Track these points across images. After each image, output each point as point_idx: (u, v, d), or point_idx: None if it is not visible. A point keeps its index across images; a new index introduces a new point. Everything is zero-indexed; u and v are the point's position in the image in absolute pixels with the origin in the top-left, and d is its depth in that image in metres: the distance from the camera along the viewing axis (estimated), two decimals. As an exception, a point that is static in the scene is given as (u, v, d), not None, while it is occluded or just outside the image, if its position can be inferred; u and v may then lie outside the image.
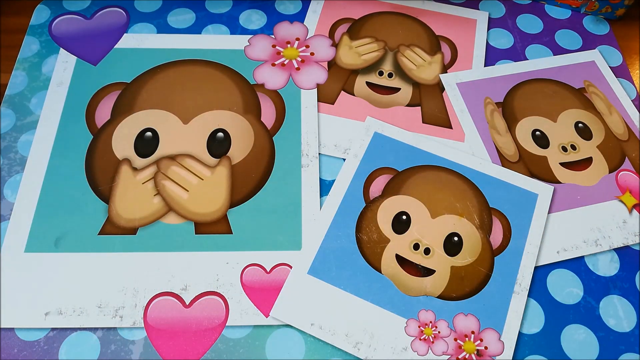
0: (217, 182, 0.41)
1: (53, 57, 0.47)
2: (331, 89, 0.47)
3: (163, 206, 0.40)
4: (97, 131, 0.43)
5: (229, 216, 0.40)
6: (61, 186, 0.41)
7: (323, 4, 0.52)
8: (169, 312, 0.36)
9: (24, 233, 0.38)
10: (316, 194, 0.41)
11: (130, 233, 0.39)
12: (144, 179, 0.41)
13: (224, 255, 0.38)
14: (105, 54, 0.47)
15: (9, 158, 0.42)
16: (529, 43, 0.51)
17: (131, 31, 0.49)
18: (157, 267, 0.38)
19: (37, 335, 0.35)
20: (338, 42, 0.49)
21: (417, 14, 0.52)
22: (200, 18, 0.50)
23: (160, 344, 0.35)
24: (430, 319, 0.37)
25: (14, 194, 0.40)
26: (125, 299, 0.36)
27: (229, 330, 0.36)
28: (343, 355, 0.36)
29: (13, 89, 0.45)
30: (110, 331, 0.36)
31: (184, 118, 0.44)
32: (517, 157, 0.44)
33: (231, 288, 0.37)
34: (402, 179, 0.42)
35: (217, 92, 0.45)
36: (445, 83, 0.47)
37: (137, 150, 0.42)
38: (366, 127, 0.44)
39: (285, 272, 0.38)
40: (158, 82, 0.46)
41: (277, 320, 0.36)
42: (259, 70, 0.47)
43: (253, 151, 0.43)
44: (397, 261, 0.39)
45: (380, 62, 0.48)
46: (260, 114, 0.45)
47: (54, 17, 0.50)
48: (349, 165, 0.42)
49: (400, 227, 0.40)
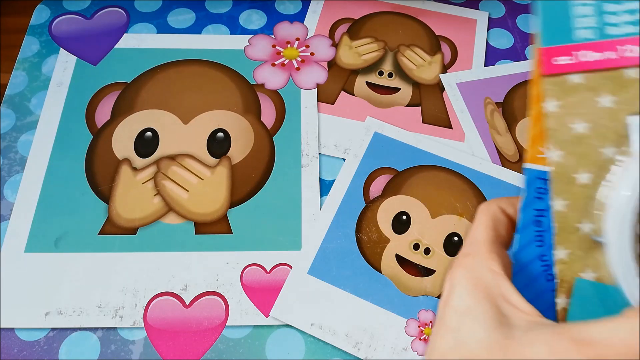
0: (217, 182, 0.41)
1: (53, 57, 0.47)
2: (331, 89, 0.47)
3: (163, 206, 0.40)
4: (97, 131, 0.43)
5: (229, 216, 0.40)
6: (61, 186, 0.41)
7: (323, 4, 0.52)
8: (169, 312, 0.36)
9: (24, 233, 0.38)
10: (316, 194, 0.41)
11: (130, 233, 0.39)
12: (144, 179, 0.41)
13: (224, 255, 0.38)
14: (105, 54, 0.47)
15: (9, 158, 0.42)
16: (529, 43, 0.51)
17: (131, 31, 0.49)
18: (157, 267, 0.38)
19: (37, 335, 0.35)
20: (338, 42, 0.49)
21: (417, 14, 0.52)
22: (200, 18, 0.50)
23: (160, 344, 0.35)
24: (431, 319, 0.37)
25: (14, 194, 0.40)
26: (125, 299, 0.36)
27: (229, 330, 0.36)
28: (343, 355, 0.36)
29: (13, 89, 0.45)
30: (110, 331, 0.36)
31: (184, 118, 0.44)
32: (517, 157, 0.44)
33: (231, 288, 0.37)
34: (402, 179, 0.42)
35: (217, 92, 0.45)
36: (445, 83, 0.47)
37: (137, 150, 0.42)
38: (366, 127, 0.44)
39: (285, 272, 0.38)
40: (158, 82, 0.46)
41: (277, 320, 0.36)
42: (259, 70, 0.47)
43: (253, 151, 0.43)
44: (397, 261, 0.39)
45: (380, 62, 0.48)
46: (260, 114, 0.45)
47: (54, 17, 0.50)
48: (349, 165, 0.42)
49: (400, 227, 0.40)
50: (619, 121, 0.22)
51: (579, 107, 0.22)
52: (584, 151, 0.22)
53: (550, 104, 0.22)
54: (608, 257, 0.22)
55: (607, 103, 0.22)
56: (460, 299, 0.23)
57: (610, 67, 0.22)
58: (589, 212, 0.22)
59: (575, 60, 0.22)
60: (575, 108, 0.22)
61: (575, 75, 0.22)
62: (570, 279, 0.23)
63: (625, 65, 0.21)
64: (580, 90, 0.22)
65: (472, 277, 0.23)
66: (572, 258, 0.23)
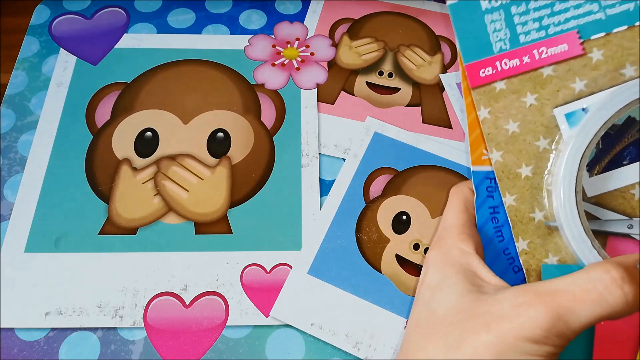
0: (217, 182, 0.41)
1: (53, 57, 0.47)
2: (331, 89, 0.47)
3: (163, 206, 0.40)
4: (97, 131, 0.43)
5: (229, 216, 0.40)
6: (61, 186, 0.41)
7: (323, 4, 0.52)
8: (169, 312, 0.36)
9: (24, 233, 0.38)
10: (316, 194, 0.41)
11: (130, 233, 0.39)
12: (144, 179, 0.41)
13: (224, 255, 0.38)
14: (105, 54, 0.47)
15: (9, 158, 0.42)
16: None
17: (131, 31, 0.49)
18: (157, 267, 0.38)
19: (37, 335, 0.35)
20: (338, 42, 0.49)
21: (417, 14, 0.52)
22: (200, 18, 0.50)
23: (160, 344, 0.35)
24: (430, 319, 0.37)
25: (14, 194, 0.40)
26: (125, 299, 0.36)
27: (229, 330, 0.36)
28: (343, 355, 0.36)
29: (13, 89, 0.45)
30: (110, 331, 0.36)
31: (184, 118, 0.44)
32: (517, 157, 0.44)
33: (231, 288, 0.37)
34: (402, 179, 0.42)
35: (217, 92, 0.45)
36: (445, 83, 0.47)
37: (137, 150, 0.42)
38: (366, 127, 0.44)
39: (285, 272, 0.38)
40: (158, 82, 0.46)
41: (277, 320, 0.36)
42: (259, 70, 0.47)
43: (253, 151, 0.43)
44: (397, 261, 0.39)
45: (380, 62, 0.48)
46: (260, 114, 0.45)
47: (54, 17, 0.50)
48: (349, 165, 0.42)
49: (400, 227, 0.40)
50: (546, 115, 0.24)
51: (508, 109, 0.24)
52: (520, 147, 0.24)
53: (483, 112, 0.25)
54: (564, 238, 0.23)
55: (532, 101, 0.24)
56: (433, 276, 0.24)
57: (529, 70, 0.24)
58: (538, 201, 0.24)
59: (498, 70, 0.25)
60: (505, 111, 0.24)
61: (500, 82, 0.25)
62: (536, 266, 0.25)
63: (542, 65, 0.24)
64: (506, 95, 0.24)
65: (444, 256, 0.25)
66: (532, 247, 0.24)
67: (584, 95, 0.23)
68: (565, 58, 0.23)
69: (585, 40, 0.23)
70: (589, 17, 0.23)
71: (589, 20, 0.23)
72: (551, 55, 0.24)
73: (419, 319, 0.23)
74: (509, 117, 0.24)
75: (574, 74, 0.23)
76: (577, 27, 0.23)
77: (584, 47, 0.23)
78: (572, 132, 0.23)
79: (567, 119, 0.23)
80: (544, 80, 0.24)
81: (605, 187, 0.25)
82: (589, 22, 0.23)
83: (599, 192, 0.25)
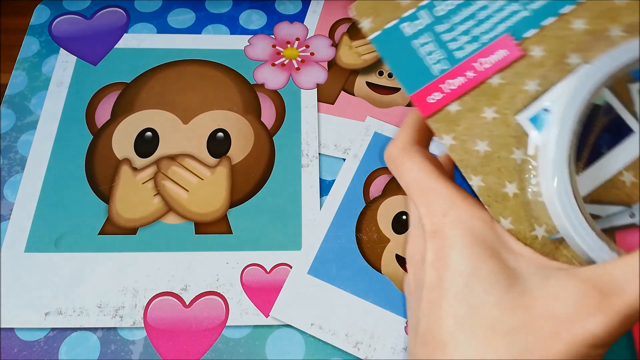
0: (217, 182, 0.41)
1: (53, 57, 0.47)
2: (331, 89, 0.47)
3: (163, 206, 0.40)
4: (97, 131, 0.43)
5: (229, 216, 0.40)
6: (61, 186, 0.41)
7: (323, 4, 0.52)
8: (169, 312, 0.36)
9: (24, 233, 0.38)
10: (316, 194, 0.41)
11: (130, 233, 0.39)
12: (144, 179, 0.41)
13: (224, 255, 0.38)
14: (105, 54, 0.47)
15: (9, 158, 0.42)
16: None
17: (131, 31, 0.49)
18: (157, 267, 0.38)
19: (37, 335, 0.35)
20: (338, 42, 0.49)
21: (417, 14, 0.52)
22: (200, 18, 0.50)
23: (160, 344, 0.35)
24: (430, 319, 0.37)
25: (14, 194, 0.40)
26: (125, 299, 0.36)
27: (229, 330, 0.36)
28: (343, 355, 0.36)
29: (13, 89, 0.45)
30: (110, 331, 0.36)
31: (184, 118, 0.44)
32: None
33: (231, 288, 0.37)
34: (402, 179, 0.42)
35: (217, 92, 0.45)
36: (445, 83, 0.47)
37: (137, 150, 0.42)
38: (366, 127, 0.44)
39: (285, 272, 0.38)
40: (158, 82, 0.46)
41: (277, 320, 0.36)
42: (259, 70, 0.47)
43: (253, 151, 0.43)
44: (397, 261, 0.39)
45: (380, 62, 0.48)
46: (260, 114, 0.45)
47: (54, 17, 0.50)
48: (349, 165, 0.42)
49: (400, 227, 0.40)
50: (511, 125, 0.22)
51: (471, 130, 0.23)
52: (497, 166, 0.22)
53: (447, 139, 0.23)
54: (575, 248, 0.22)
55: (492, 114, 0.23)
56: (461, 260, 0.21)
57: (477, 84, 0.23)
58: (534, 217, 0.22)
59: (446, 92, 0.23)
60: (468, 133, 0.23)
61: (452, 104, 0.23)
62: None
63: (488, 76, 0.23)
64: (464, 116, 0.23)
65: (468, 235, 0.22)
66: None
67: (541, 94, 0.22)
68: (509, 63, 0.22)
69: (521, 40, 0.22)
70: (514, 17, 0.23)
71: (517, 20, 0.23)
72: (494, 63, 0.23)
73: (458, 315, 0.20)
74: (475, 138, 0.23)
75: (522, 76, 0.22)
76: (509, 30, 0.23)
77: (523, 48, 0.22)
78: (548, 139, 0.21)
79: (533, 124, 0.22)
80: (496, 90, 0.23)
81: (595, 181, 0.24)
82: (518, 22, 0.23)
83: (591, 188, 0.24)
